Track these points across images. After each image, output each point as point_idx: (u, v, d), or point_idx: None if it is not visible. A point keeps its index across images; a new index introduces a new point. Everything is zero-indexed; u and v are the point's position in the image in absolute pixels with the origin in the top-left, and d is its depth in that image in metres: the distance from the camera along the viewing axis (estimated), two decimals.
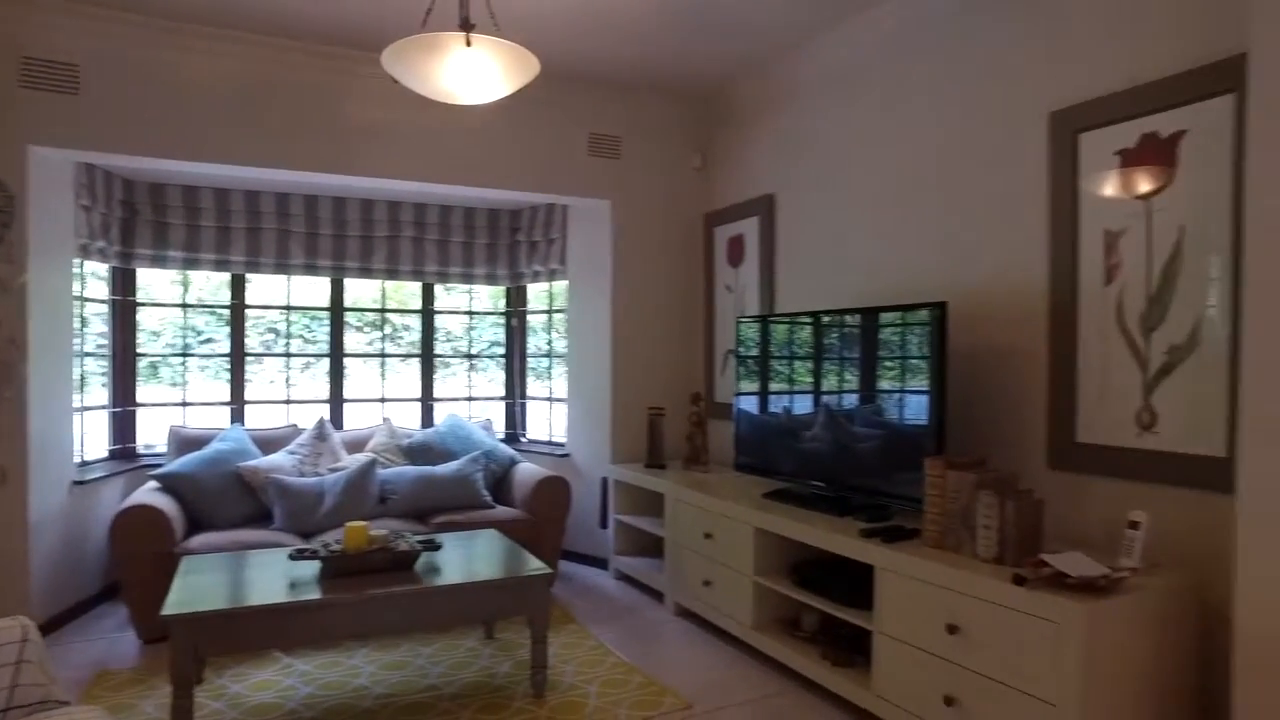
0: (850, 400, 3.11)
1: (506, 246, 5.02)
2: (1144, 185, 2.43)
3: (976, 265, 2.96)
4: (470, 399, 5.08)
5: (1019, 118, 2.80)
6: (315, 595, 2.53)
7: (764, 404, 3.59)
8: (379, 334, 4.96)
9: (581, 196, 4.37)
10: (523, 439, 5.08)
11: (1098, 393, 2.56)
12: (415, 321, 4.98)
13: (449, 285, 4.98)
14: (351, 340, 4.79)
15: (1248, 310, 1.86)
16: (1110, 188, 2.52)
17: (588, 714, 2.68)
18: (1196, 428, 2.30)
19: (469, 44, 2.30)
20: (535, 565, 2.89)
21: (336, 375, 4.67)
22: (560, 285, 4.89)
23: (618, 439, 4.45)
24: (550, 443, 4.93)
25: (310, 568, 2.79)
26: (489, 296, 5.27)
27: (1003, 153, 2.87)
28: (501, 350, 5.19)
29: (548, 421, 5.01)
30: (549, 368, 5.03)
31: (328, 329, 4.68)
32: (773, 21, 3.49)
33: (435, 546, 2.91)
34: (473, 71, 2.42)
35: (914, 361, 2.82)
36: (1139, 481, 2.42)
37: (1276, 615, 1.80)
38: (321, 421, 4.16)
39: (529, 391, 5.15)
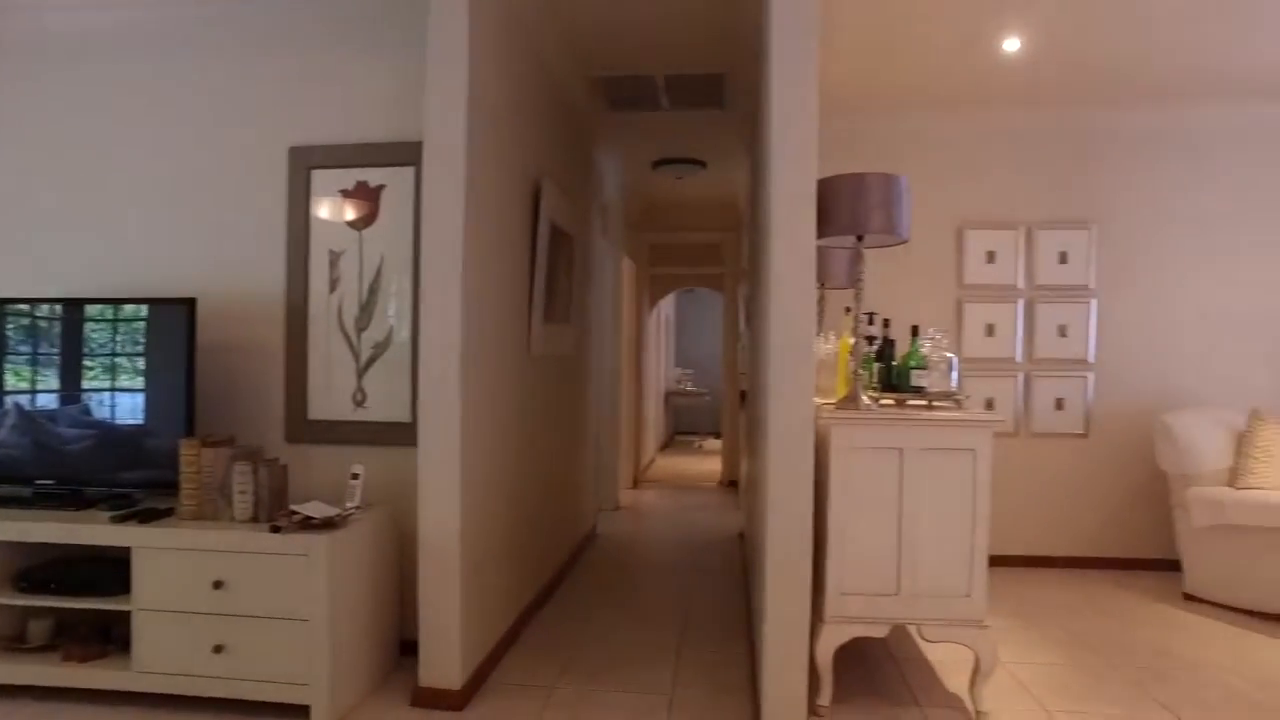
0: (81, 392, 3.06)
1: None
2: (357, 218, 3.20)
3: (225, 268, 3.29)
4: None
5: (266, 144, 3.25)
6: None
7: None
8: None
9: None
10: None
11: (324, 379, 3.23)
12: None
13: None
14: None
15: (421, 319, 2.76)
16: (334, 216, 3.21)
17: None
18: (392, 403, 3.18)
19: None
20: None
21: None
22: None
23: None
24: None
25: None
26: None
27: (251, 171, 3.27)
28: None
29: None
30: None
31: None
32: None
33: None
34: None
35: (163, 352, 2.99)
36: (357, 445, 3.19)
37: (438, 521, 2.76)
38: None
39: None
